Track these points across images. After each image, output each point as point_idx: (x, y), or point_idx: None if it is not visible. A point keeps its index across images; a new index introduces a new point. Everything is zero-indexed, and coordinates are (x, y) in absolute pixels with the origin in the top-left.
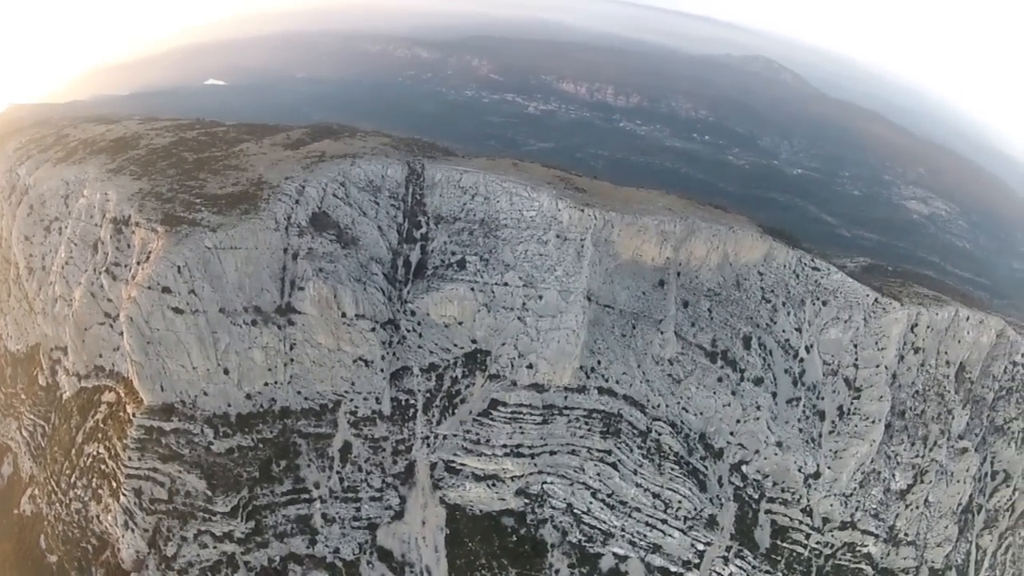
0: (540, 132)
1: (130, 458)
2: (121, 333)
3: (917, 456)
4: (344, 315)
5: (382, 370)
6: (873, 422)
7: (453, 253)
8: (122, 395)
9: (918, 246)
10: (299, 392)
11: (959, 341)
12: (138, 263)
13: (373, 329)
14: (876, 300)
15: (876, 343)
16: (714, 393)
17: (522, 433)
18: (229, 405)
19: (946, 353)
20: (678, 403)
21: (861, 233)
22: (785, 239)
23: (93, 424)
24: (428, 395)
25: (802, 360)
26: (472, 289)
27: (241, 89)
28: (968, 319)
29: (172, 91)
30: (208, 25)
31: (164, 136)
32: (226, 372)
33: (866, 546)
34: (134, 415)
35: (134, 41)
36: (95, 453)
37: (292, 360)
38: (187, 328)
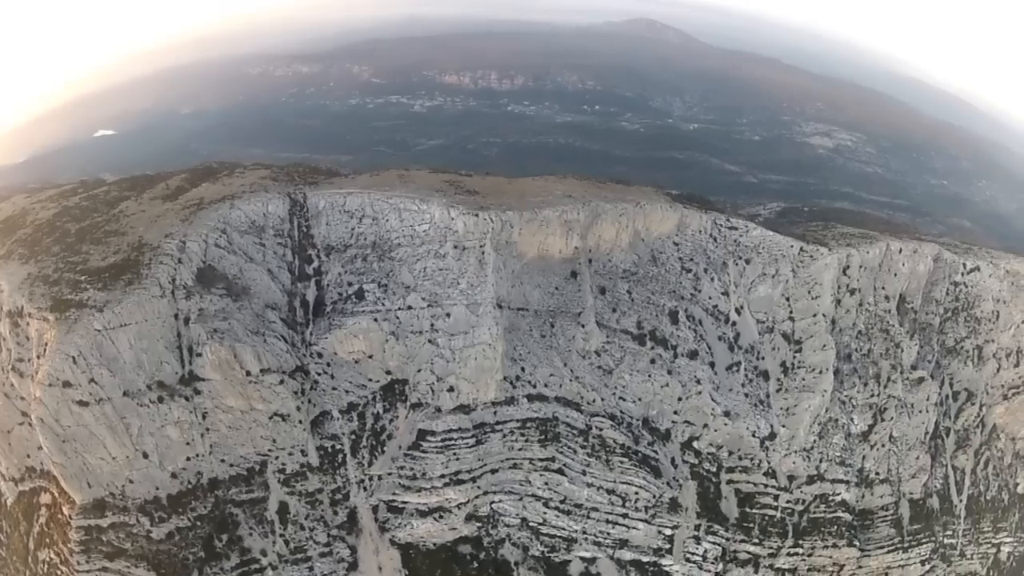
0: (428, 130)
1: (79, 562)
2: None
3: (872, 396)
4: (248, 373)
5: (300, 421)
6: (820, 372)
7: (350, 284)
8: (56, 495)
9: (829, 180)
10: (223, 460)
11: (895, 274)
12: (38, 357)
13: (282, 381)
14: (801, 249)
15: (809, 292)
16: (649, 376)
17: (457, 459)
18: (157, 488)
19: (883, 289)
20: (613, 394)
21: (769, 177)
22: (696, 203)
23: (39, 529)
24: (353, 437)
25: (734, 324)
26: (375, 320)
27: (130, 136)
28: (901, 251)
29: (65, 149)
30: (94, 72)
31: (49, 208)
32: (145, 456)
33: (838, 494)
34: (71, 517)
35: (23, 101)
36: (48, 559)
37: (208, 429)
38: (96, 419)
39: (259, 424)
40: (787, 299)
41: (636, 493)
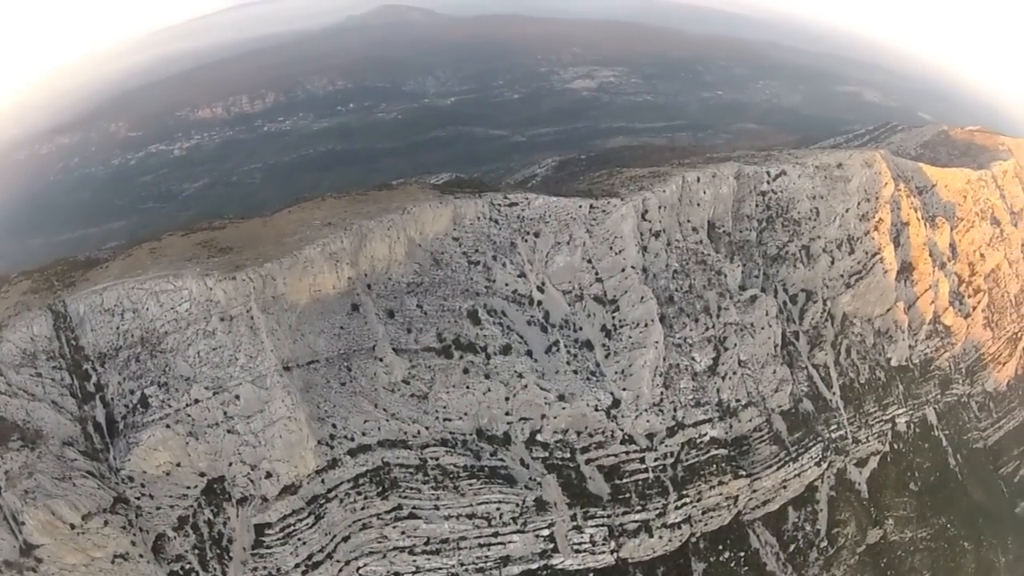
0: (191, 172)
1: None
2: None
3: (708, 329)
4: (73, 526)
5: (141, 554)
6: (645, 325)
7: (131, 392)
8: None
9: (599, 119)
10: None
11: (698, 204)
12: None
13: (106, 522)
14: (591, 207)
15: (611, 248)
16: (467, 387)
17: (304, 543)
18: None
19: (689, 222)
20: (436, 418)
21: (537, 131)
22: (469, 187)
23: None
24: (197, 551)
25: (540, 303)
26: (167, 426)
27: None
28: (699, 180)
29: None
30: None
31: None
32: None
33: (705, 434)
34: None
35: None
36: None
37: None
38: None
39: (105, 572)
40: (589, 262)
41: (497, 508)
